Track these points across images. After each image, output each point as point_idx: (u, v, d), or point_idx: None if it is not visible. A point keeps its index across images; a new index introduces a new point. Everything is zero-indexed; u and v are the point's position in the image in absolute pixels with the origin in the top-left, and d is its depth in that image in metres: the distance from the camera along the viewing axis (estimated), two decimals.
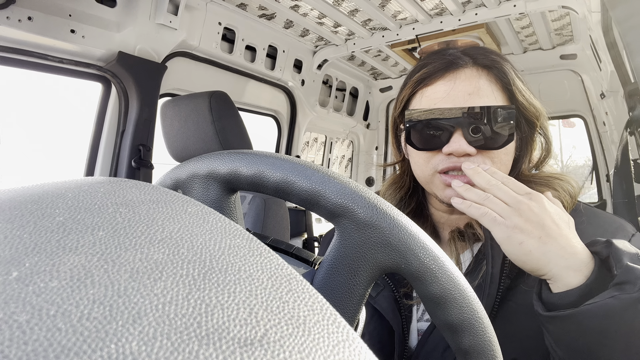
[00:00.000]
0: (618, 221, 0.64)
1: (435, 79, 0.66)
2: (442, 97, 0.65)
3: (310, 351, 0.14)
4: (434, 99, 0.65)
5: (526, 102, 0.66)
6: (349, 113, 2.92)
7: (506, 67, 0.66)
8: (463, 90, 0.64)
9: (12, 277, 0.13)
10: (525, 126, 0.68)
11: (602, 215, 0.65)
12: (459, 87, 0.64)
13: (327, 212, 0.31)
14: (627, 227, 0.63)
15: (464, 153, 0.63)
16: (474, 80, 0.65)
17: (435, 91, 0.66)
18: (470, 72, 0.65)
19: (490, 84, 0.65)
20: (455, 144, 0.62)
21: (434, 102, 0.65)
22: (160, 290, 0.14)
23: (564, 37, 2.23)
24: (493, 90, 0.65)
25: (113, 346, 0.12)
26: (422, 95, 0.67)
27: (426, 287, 0.31)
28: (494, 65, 0.66)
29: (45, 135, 20.04)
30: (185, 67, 1.82)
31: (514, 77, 0.66)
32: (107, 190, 0.20)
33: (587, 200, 2.71)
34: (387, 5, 1.87)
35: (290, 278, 0.18)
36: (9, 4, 1.19)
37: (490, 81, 0.65)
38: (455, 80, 0.65)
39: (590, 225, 0.62)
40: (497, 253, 0.60)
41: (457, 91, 0.64)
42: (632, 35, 0.96)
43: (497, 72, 0.66)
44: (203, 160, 0.36)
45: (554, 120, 3.46)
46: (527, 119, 0.68)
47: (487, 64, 0.66)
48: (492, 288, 0.59)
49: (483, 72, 0.66)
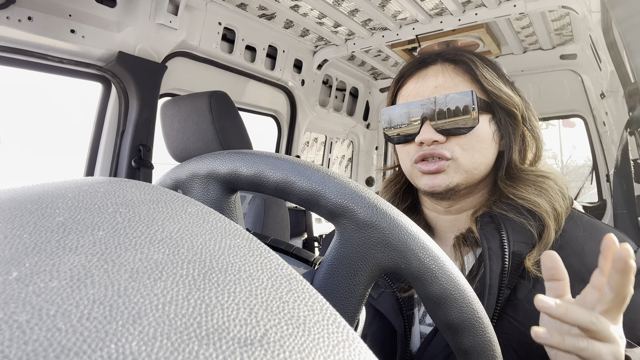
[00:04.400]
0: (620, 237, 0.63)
1: (407, 78, 0.74)
2: (413, 93, 0.71)
3: (310, 351, 0.14)
4: (406, 97, 0.72)
5: (495, 90, 0.69)
6: (349, 113, 2.92)
7: (472, 60, 0.70)
8: (430, 85, 0.69)
9: (12, 277, 0.13)
10: (505, 116, 0.70)
11: (603, 230, 0.64)
12: (426, 83, 0.70)
13: (327, 212, 0.31)
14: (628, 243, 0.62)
15: (432, 140, 0.67)
16: (439, 74, 0.70)
17: (407, 89, 0.73)
18: (437, 68, 0.71)
19: (456, 76, 0.70)
20: (424, 134, 0.67)
21: (407, 99, 0.72)
22: (160, 290, 0.14)
23: (564, 37, 2.23)
24: (459, 82, 0.69)
25: (113, 346, 0.12)
26: (400, 95, 0.74)
27: (426, 287, 0.31)
28: (459, 59, 0.70)
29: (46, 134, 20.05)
30: (185, 67, 1.82)
31: (479, 68, 0.69)
32: (107, 190, 0.20)
33: (587, 200, 2.70)
34: (387, 5, 1.87)
35: (290, 278, 0.18)
36: (9, 4, 1.19)
37: (456, 74, 0.70)
38: (424, 77, 0.71)
39: (592, 241, 0.62)
40: (496, 264, 0.60)
41: (425, 87, 0.70)
42: (632, 35, 0.96)
43: (462, 65, 0.70)
44: (203, 160, 0.36)
45: (554, 120, 3.46)
46: (503, 107, 0.69)
47: (452, 59, 0.71)
48: (490, 300, 0.58)
49: (449, 67, 0.70)
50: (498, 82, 0.69)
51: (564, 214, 0.64)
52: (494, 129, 0.69)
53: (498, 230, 0.63)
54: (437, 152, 0.67)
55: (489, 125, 0.69)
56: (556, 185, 0.66)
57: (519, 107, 0.70)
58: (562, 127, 15.05)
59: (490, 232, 0.63)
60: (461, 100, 0.66)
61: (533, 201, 0.63)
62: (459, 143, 0.67)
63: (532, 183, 0.66)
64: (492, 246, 0.61)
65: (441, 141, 0.67)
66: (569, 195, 0.67)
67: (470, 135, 0.67)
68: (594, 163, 2.45)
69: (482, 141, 0.67)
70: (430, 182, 0.67)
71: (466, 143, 0.67)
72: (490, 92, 0.68)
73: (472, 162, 0.67)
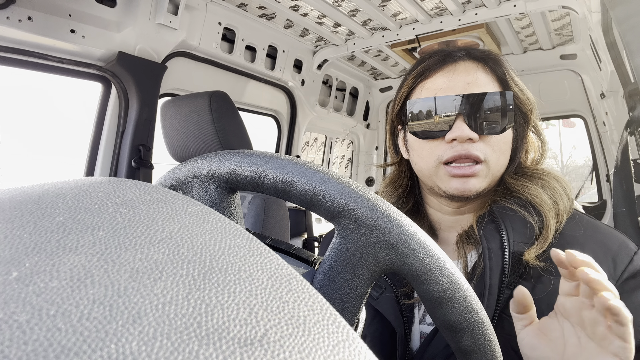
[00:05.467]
0: (620, 238, 0.63)
1: (434, 71, 0.69)
2: (442, 87, 0.67)
3: (310, 351, 0.14)
4: (433, 90, 0.68)
5: (520, 93, 0.69)
6: (349, 113, 2.92)
7: (500, 60, 0.70)
8: (462, 80, 0.66)
9: (12, 277, 0.13)
10: (521, 118, 0.70)
11: (604, 231, 0.64)
12: (457, 77, 0.67)
13: (327, 212, 0.31)
14: (629, 244, 0.62)
15: (467, 138, 0.64)
16: (472, 71, 0.67)
17: (434, 83, 0.68)
18: (467, 64, 0.68)
19: (486, 75, 0.68)
20: (458, 130, 0.64)
21: (434, 92, 0.67)
22: (160, 290, 0.14)
23: (564, 37, 2.23)
24: (489, 81, 0.68)
25: (113, 346, 0.12)
26: (422, 88, 0.70)
27: (426, 287, 0.31)
28: (489, 58, 0.69)
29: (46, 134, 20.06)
30: (185, 67, 1.82)
31: (508, 69, 0.69)
32: (107, 190, 0.20)
33: (587, 200, 2.70)
34: (387, 5, 1.87)
35: (290, 278, 0.18)
36: (9, 4, 1.19)
37: (486, 72, 0.68)
38: (454, 72, 0.67)
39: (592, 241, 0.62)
40: (496, 264, 0.60)
41: (456, 81, 0.67)
42: (632, 35, 0.96)
43: (492, 63, 0.69)
44: (203, 160, 0.36)
45: (554, 120, 3.46)
46: (522, 110, 0.70)
47: (481, 57, 0.69)
48: (490, 300, 0.58)
49: (479, 64, 0.69)
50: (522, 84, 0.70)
51: (565, 212, 0.64)
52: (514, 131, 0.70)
53: (498, 230, 0.63)
54: (472, 152, 0.64)
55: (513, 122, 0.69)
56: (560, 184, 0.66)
57: (533, 110, 0.70)
58: (562, 127, 15.05)
59: (490, 232, 0.63)
60: (500, 100, 0.65)
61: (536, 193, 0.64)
62: (491, 144, 0.65)
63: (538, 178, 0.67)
64: (492, 246, 0.61)
65: (475, 140, 0.64)
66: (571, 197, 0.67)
67: (501, 137, 0.66)
68: (594, 163, 2.45)
69: (508, 142, 0.68)
70: (461, 187, 0.65)
71: (496, 144, 0.66)
72: (515, 94, 0.68)
73: (498, 164, 0.67)
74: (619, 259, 0.59)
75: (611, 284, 0.44)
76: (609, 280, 0.57)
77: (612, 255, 0.60)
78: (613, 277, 0.58)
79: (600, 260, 0.59)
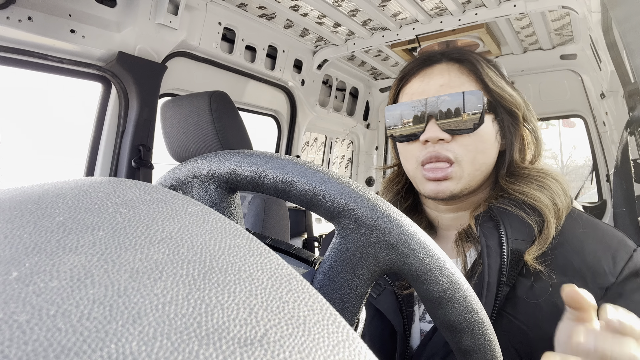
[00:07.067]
0: (619, 236, 0.63)
1: (411, 76, 0.73)
2: (418, 91, 0.71)
3: (310, 351, 0.14)
4: (410, 95, 0.72)
5: (499, 90, 0.69)
6: (349, 113, 2.92)
7: (476, 59, 0.70)
8: (435, 83, 0.69)
9: (12, 277, 0.13)
10: (506, 115, 0.70)
11: (603, 229, 0.64)
12: (431, 80, 0.70)
13: (327, 212, 0.31)
14: (628, 242, 0.62)
15: (438, 139, 0.66)
16: (445, 73, 0.70)
17: (412, 87, 0.72)
18: (442, 67, 0.71)
19: (462, 76, 0.70)
20: (429, 131, 0.67)
21: (411, 97, 0.71)
22: (160, 290, 0.14)
23: (564, 37, 2.23)
24: (464, 81, 0.69)
25: (113, 346, 0.12)
26: (403, 93, 0.74)
27: (426, 287, 0.31)
28: (464, 58, 0.71)
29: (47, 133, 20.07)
30: (185, 67, 1.82)
31: (484, 68, 0.70)
32: (107, 190, 0.20)
33: (587, 200, 2.70)
34: (387, 5, 1.87)
35: (290, 278, 0.18)
36: (9, 4, 1.19)
37: (461, 73, 0.70)
38: (429, 75, 0.71)
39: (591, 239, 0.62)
40: (494, 261, 0.60)
41: (430, 85, 0.70)
42: (632, 35, 0.96)
43: (467, 64, 0.70)
44: (203, 160, 0.36)
45: (554, 120, 3.46)
46: (505, 107, 0.70)
47: (457, 58, 0.71)
48: (489, 297, 0.58)
49: (454, 66, 0.71)
50: (502, 82, 0.70)
51: (564, 210, 0.64)
52: (497, 129, 0.70)
53: (497, 228, 0.63)
54: (442, 153, 0.66)
55: (492, 125, 0.69)
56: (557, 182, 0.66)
57: (520, 107, 0.70)
58: (562, 127, 15.04)
59: (488, 229, 0.63)
60: (467, 100, 0.66)
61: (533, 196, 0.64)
62: (463, 143, 0.67)
63: (534, 179, 0.67)
64: (490, 244, 0.61)
65: (447, 140, 0.66)
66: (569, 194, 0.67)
67: (474, 135, 0.67)
68: (594, 163, 2.45)
69: (485, 141, 0.68)
70: (435, 189, 0.68)
71: (470, 143, 0.67)
72: (494, 92, 0.69)
73: (475, 164, 0.67)
74: (618, 256, 0.60)
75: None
76: (608, 277, 0.57)
77: (612, 252, 0.60)
78: (612, 274, 0.58)
79: (600, 257, 0.59)
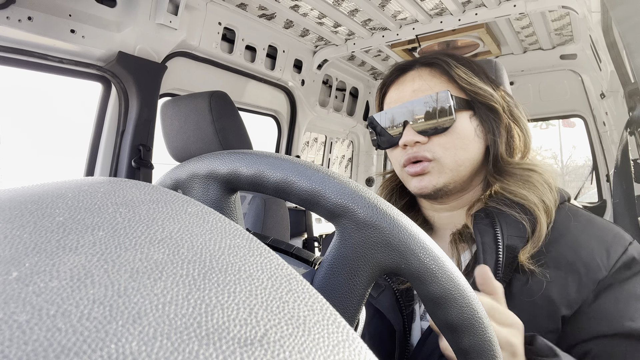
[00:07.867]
0: (615, 229, 0.64)
1: (389, 86, 0.77)
2: (394, 99, 0.74)
3: (310, 351, 0.14)
4: (388, 104, 0.76)
5: (472, 87, 0.70)
6: (349, 113, 2.92)
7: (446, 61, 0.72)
8: (408, 89, 0.72)
9: (12, 277, 0.13)
10: (486, 111, 0.71)
11: (598, 223, 0.65)
12: (405, 87, 0.73)
13: (327, 212, 0.31)
14: (624, 235, 0.63)
15: (415, 142, 0.69)
16: (417, 78, 0.73)
17: (390, 97, 0.76)
18: (414, 73, 0.74)
19: (432, 79, 0.72)
20: (405, 136, 0.70)
21: (389, 106, 0.75)
22: (160, 290, 0.14)
23: (564, 37, 2.23)
24: (435, 83, 0.71)
25: (113, 346, 0.12)
26: (384, 103, 0.78)
27: (426, 287, 0.31)
28: (434, 62, 0.72)
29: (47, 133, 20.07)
30: (185, 67, 1.82)
31: (454, 68, 0.71)
32: (107, 190, 0.20)
33: (587, 201, 2.70)
34: (387, 5, 1.87)
35: (290, 278, 0.18)
36: (9, 4, 1.19)
37: (432, 76, 0.72)
38: (403, 83, 0.74)
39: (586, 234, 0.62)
40: (490, 258, 0.60)
41: (404, 92, 0.73)
42: (632, 35, 0.96)
43: (437, 67, 0.72)
44: (203, 160, 0.36)
45: (554, 120, 3.46)
46: (483, 103, 0.70)
47: (428, 62, 0.73)
48: None
49: (425, 70, 0.73)
50: (474, 79, 0.71)
51: (552, 206, 0.64)
52: (476, 124, 0.70)
53: (492, 225, 0.63)
54: (420, 154, 0.69)
55: (470, 122, 0.70)
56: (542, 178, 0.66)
57: (498, 102, 0.71)
58: (562, 127, 15.05)
59: (484, 227, 0.64)
60: (437, 101, 0.68)
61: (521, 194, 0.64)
62: (440, 143, 0.69)
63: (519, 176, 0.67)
64: (486, 240, 0.62)
65: (423, 142, 0.69)
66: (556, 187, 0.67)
67: (450, 134, 0.68)
68: (594, 163, 2.45)
69: (463, 138, 0.69)
70: (418, 184, 0.70)
71: (447, 142, 0.68)
72: (467, 90, 0.70)
73: (456, 160, 0.68)
74: (612, 249, 0.60)
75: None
76: (602, 270, 0.58)
77: (606, 246, 0.60)
78: (605, 268, 0.58)
79: (594, 251, 0.60)
